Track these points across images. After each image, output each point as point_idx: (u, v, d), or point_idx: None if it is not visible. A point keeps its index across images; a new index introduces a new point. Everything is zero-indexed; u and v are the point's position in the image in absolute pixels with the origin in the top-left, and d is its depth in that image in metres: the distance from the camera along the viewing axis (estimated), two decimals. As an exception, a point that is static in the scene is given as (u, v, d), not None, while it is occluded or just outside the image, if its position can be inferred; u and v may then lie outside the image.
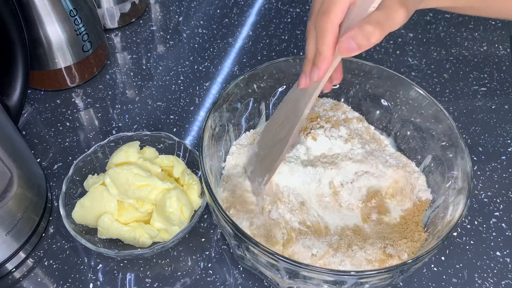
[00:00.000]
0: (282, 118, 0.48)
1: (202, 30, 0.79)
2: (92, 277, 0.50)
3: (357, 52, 0.37)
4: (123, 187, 0.48)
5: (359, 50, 0.37)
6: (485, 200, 0.56)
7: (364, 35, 0.36)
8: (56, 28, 0.61)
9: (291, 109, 0.47)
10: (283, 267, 0.40)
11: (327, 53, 0.39)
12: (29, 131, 0.63)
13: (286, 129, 0.47)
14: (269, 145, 0.49)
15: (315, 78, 0.41)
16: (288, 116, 0.47)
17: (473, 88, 0.70)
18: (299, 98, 0.45)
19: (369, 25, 0.36)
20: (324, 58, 0.40)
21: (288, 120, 0.47)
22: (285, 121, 0.47)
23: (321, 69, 0.40)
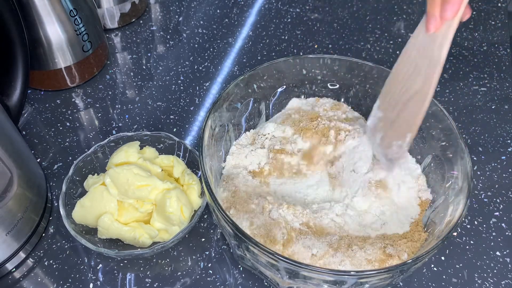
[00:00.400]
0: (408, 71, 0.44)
1: (202, 30, 0.79)
2: (92, 277, 0.50)
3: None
4: (123, 187, 0.48)
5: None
6: (485, 200, 0.56)
7: None
8: (56, 28, 0.61)
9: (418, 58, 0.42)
10: (283, 267, 0.40)
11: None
12: (29, 131, 0.63)
13: (420, 80, 0.42)
14: (399, 103, 0.45)
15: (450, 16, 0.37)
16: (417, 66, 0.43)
17: (473, 88, 0.70)
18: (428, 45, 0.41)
19: None
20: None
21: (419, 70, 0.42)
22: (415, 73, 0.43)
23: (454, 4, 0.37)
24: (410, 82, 0.43)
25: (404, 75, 0.44)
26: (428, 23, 0.39)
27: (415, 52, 0.43)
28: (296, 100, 0.59)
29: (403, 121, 0.45)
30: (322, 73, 0.57)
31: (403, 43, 0.75)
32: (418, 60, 0.43)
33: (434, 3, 0.38)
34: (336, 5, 0.84)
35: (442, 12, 0.38)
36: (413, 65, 0.43)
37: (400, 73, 0.45)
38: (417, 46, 0.43)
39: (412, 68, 0.43)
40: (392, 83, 0.47)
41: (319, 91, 0.59)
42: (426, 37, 0.41)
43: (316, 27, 0.80)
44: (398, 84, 0.45)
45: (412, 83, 0.43)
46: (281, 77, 0.57)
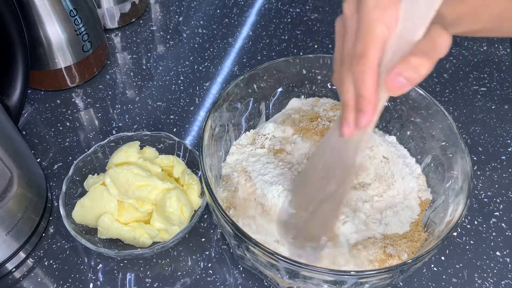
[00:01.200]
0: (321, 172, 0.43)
1: (202, 30, 0.79)
2: (92, 277, 0.50)
3: (408, 87, 0.34)
4: (123, 187, 0.48)
5: (410, 85, 0.34)
6: (485, 200, 0.56)
7: (412, 68, 0.33)
8: (56, 28, 0.61)
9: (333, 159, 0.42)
10: (283, 267, 0.40)
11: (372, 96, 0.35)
12: (29, 131, 0.63)
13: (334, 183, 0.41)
14: (312, 204, 0.44)
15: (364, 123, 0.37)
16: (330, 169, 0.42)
17: (473, 88, 0.70)
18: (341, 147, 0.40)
19: (416, 57, 0.33)
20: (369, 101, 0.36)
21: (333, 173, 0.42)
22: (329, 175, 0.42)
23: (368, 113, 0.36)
24: (323, 183, 0.42)
25: (317, 175, 0.43)
26: (342, 128, 0.38)
27: (328, 153, 0.42)
28: (296, 100, 0.59)
29: (317, 223, 0.44)
30: (322, 73, 0.57)
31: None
32: (331, 162, 0.42)
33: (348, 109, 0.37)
34: (336, 5, 0.84)
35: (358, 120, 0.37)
36: (326, 166, 0.42)
37: (313, 172, 0.44)
38: (331, 147, 0.41)
39: (325, 170, 0.42)
40: (305, 181, 0.46)
41: (319, 91, 0.59)
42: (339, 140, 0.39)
43: (316, 27, 0.80)
44: (311, 183, 0.44)
45: (326, 185, 0.42)
46: (281, 77, 0.57)
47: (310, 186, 0.44)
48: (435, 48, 0.33)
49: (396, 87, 0.34)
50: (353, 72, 0.36)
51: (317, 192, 0.43)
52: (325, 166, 0.42)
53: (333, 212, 0.43)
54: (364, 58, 0.35)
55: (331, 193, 0.41)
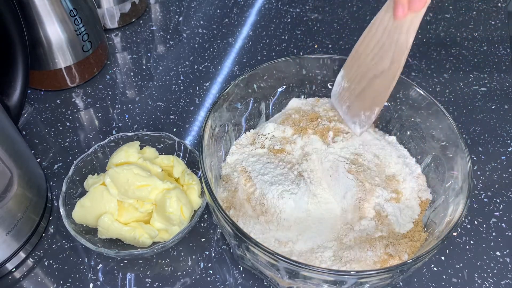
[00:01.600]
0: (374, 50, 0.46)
1: (202, 30, 0.79)
2: (92, 277, 0.50)
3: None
4: (123, 187, 0.48)
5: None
6: (485, 200, 0.56)
7: None
8: (56, 28, 0.61)
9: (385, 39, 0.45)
10: (283, 267, 0.40)
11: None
12: (29, 131, 0.63)
13: (387, 61, 0.45)
14: (366, 78, 0.48)
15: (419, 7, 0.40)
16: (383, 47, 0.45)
17: (473, 88, 0.70)
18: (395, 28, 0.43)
19: None
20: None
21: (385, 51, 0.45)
22: (382, 52, 0.45)
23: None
24: (376, 60, 0.46)
25: (370, 52, 0.47)
26: (396, 11, 0.42)
27: (380, 33, 0.45)
28: (296, 100, 0.59)
29: (370, 95, 0.47)
30: (322, 73, 0.57)
31: (403, 43, 0.76)
32: (385, 41, 0.45)
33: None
34: (336, 5, 0.84)
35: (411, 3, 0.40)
36: (379, 45, 0.46)
37: (366, 50, 0.48)
38: (383, 27, 0.45)
39: (378, 48, 0.46)
40: (358, 57, 0.49)
41: (319, 91, 0.59)
42: (393, 21, 0.43)
43: (316, 27, 0.80)
44: (364, 60, 0.48)
45: (379, 62, 0.46)
46: (281, 77, 0.57)
47: (363, 62, 0.48)
48: None
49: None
50: None
51: (370, 68, 0.47)
52: (378, 45, 0.46)
53: (386, 86, 0.46)
54: None
55: (385, 70, 0.45)
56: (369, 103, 0.48)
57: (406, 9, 0.41)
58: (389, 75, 0.45)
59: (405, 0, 0.41)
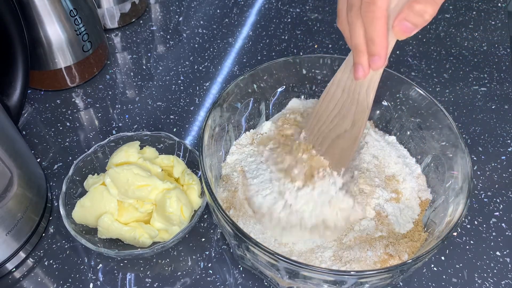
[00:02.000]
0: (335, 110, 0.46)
1: (202, 30, 0.79)
2: (92, 277, 0.50)
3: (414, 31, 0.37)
4: (123, 187, 0.48)
5: (415, 29, 0.37)
6: (485, 200, 0.56)
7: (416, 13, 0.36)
8: (56, 28, 0.61)
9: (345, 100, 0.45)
10: (283, 267, 0.40)
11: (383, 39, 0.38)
12: (29, 131, 0.63)
13: (349, 121, 0.45)
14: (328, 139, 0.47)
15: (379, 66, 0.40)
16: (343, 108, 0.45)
17: (473, 88, 0.70)
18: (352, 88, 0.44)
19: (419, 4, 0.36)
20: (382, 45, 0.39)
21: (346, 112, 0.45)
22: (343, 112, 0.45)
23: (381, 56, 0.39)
24: (337, 121, 0.46)
25: (330, 113, 0.47)
26: (356, 72, 0.41)
27: (339, 93, 0.45)
28: (296, 100, 0.59)
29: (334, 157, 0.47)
30: (322, 73, 0.57)
31: (403, 43, 0.76)
32: (344, 102, 0.45)
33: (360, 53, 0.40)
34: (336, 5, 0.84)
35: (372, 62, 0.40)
36: (339, 105, 0.46)
37: (326, 111, 0.47)
38: (342, 88, 0.45)
39: (338, 109, 0.46)
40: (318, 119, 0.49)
41: (319, 91, 0.59)
42: (351, 81, 0.43)
43: (316, 27, 0.80)
44: (324, 121, 0.48)
45: (340, 123, 0.46)
46: (281, 77, 0.57)
47: (323, 123, 0.48)
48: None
49: (402, 31, 0.37)
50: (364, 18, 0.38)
51: (332, 129, 0.46)
52: (338, 105, 0.46)
53: (348, 147, 0.46)
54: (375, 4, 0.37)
55: (347, 130, 0.45)
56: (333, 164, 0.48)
57: (366, 70, 0.41)
58: (351, 136, 0.45)
59: (365, 61, 0.40)
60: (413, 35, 0.38)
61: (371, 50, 0.39)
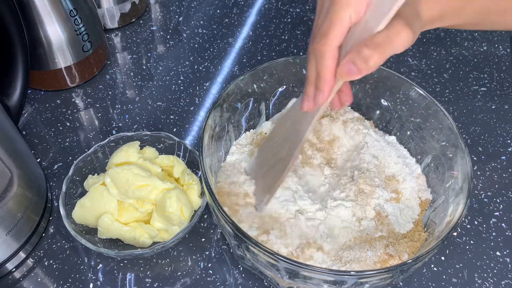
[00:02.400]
0: (281, 137, 0.47)
1: (202, 30, 0.79)
2: (92, 277, 0.50)
3: (357, 75, 0.36)
4: (123, 187, 0.48)
5: (359, 73, 0.35)
6: (485, 200, 0.56)
7: (362, 58, 0.35)
8: (56, 28, 0.61)
9: (291, 129, 0.46)
10: (283, 267, 0.40)
11: (328, 76, 0.38)
12: (29, 131, 0.63)
13: (286, 150, 0.46)
14: (269, 163, 0.48)
15: (320, 101, 0.40)
16: (287, 136, 0.46)
17: (473, 88, 0.70)
18: (299, 120, 0.44)
19: (367, 48, 0.34)
20: (325, 81, 0.38)
21: (287, 141, 0.46)
22: (285, 141, 0.46)
23: (324, 92, 0.39)
24: (280, 147, 0.47)
25: (278, 138, 0.48)
26: (302, 102, 0.42)
27: (289, 123, 0.46)
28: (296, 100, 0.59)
29: (268, 181, 0.48)
30: (322, 73, 0.57)
31: (403, 43, 0.76)
32: (289, 131, 0.46)
33: (309, 85, 0.41)
34: (336, 5, 0.84)
35: (315, 96, 0.40)
36: (284, 134, 0.47)
37: (276, 134, 0.49)
38: (294, 116, 0.46)
39: (283, 137, 0.47)
40: (269, 141, 0.50)
41: (319, 91, 0.59)
42: (299, 113, 0.44)
43: (316, 27, 0.80)
44: (272, 143, 0.49)
45: (280, 150, 0.47)
46: (281, 77, 0.57)
47: (270, 150, 0.49)
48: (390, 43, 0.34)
49: (346, 72, 0.36)
50: (315, 50, 0.38)
51: (273, 156, 0.47)
52: (283, 134, 0.47)
53: (279, 174, 0.46)
54: (325, 37, 0.36)
55: (282, 158, 0.46)
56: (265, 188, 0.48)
57: (311, 102, 0.41)
58: (283, 165, 0.46)
59: (311, 92, 0.41)
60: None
61: (317, 84, 0.39)
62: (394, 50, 0.35)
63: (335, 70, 0.37)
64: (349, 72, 0.36)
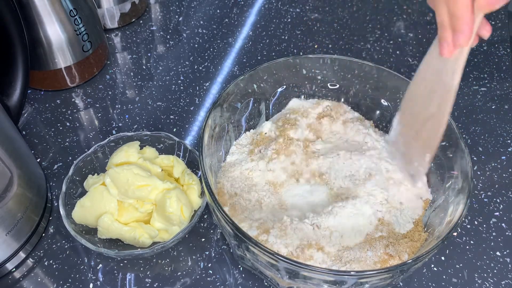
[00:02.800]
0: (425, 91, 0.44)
1: (202, 30, 0.79)
2: (92, 277, 0.50)
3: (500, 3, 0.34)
4: (123, 187, 0.48)
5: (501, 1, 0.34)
6: (485, 200, 0.56)
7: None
8: (56, 28, 0.61)
9: (434, 80, 0.43)
10: (283, 267, 0.40)
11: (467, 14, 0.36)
12: (29, 131, 0.63)
13: (436, 103, 0.43)
14: (418, 123, 0.46)
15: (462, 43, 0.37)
16: (433, 89, 0.43)
17: (473, 88, 0.70)
18: (441, 69, 0.42)
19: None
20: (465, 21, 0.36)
21: (434, 93, 0.43)
22: (431, 94, 0.44)
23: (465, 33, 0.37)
24: (426, 103, 0.44)
25: (420, 95, 0.45)
26: (441, 48, 0.39)
27: (429, 74, 0.43)
28: (296, 100, 0.59)
29: (422, 141, 0.46)
30: (322, 73, 0.57)
31: (403, 43, 0.76)
32: (433, 82, 0.43)
33: (444, 28, 0.38)
34: (336, 5, 0.84)
35: (455, 39, 0.38)
36: (428, 87, 0.44)
37: (416, 92, 0.46)
38: (431, 68, 0.43)
39: (427, 90, 0.44)
40: (410, 101, 0.47)
41: (319, 91, 0.59)
42: (439, 60, 0.41)
43: (316, 27, 0.80)
44: (415, 103, 0.46)
45: (428, 105, 0.44)
46: (281, 77, 0.57)
47: (415, 105, 0.46)
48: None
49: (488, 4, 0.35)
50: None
51: (422, 111, 0.45)
52: (427, 87, 0.44)
53: (435, 131, 0.44)
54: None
55: (433, 114, 0.43)
56: (421, 149, 0.46)
57: (451, 46, 0.39)
58: (437, 119, 0.43)
59: (449, 36, 0.38)
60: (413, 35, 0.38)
61: (454, 26, 0.37)
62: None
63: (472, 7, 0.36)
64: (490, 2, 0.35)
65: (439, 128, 0.44)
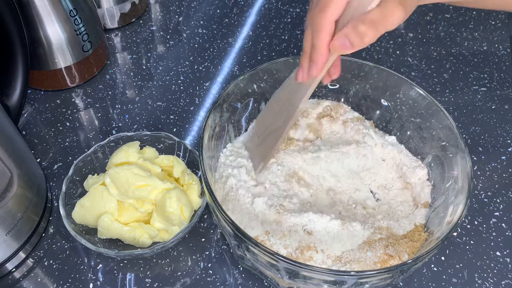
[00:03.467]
0: (278, 107, 0.48)
1: (202, 30, 0.79)
2: (92, 277, 0.50)
3: (350, 50, 0.37)
4: (123, 187, 0.48)
5: (352, 48, 0.37)
6: (485, 200, 0.56)
7: (357, 34, 0.36)
8: (56, 28, 0.61)
9: (287, 100, 0.47)
10: (283, 267, 0.40)
11: (323, 49, 0.39)
12: (29, 131, 0.63)
13: (281, 120, 0.47)
14: (265, 133, 0.50)
15: (313, 74, 0.41)
16: (283, 107, 0.47)
17: (473, 88, 0.70)
18: (295, 90, 0.45)
19: (363, 25, 0.36)
20: (320, 54, 0.40)
21: (283, 111, 0.47)
22: (281, 111, 0.47)
23: (318, 64, 0.40)
24: (276, 117, 0.48)
25: (275, 108, 0.49)
26: (297, 72, 0.43)
27: (285, 93, 0.47)
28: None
29: (262, 149, 0.50)
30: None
31: (403, 43, 0.76)
32: (284, 102, 0.47)
33: (304, 56, 0.42)
34: (336, 5, 0.84)
35: (309, 68, 0.41)
36: (280, 104, 0.48)
37: (274, 105, 0.50)
38: (288, 89, 0.47)
39: (279, 107, 0.48)
40: (266, 110, 0.52)
41: (319, 91, 0.59)
42: (295, 84, 0.45)
43: (316, 27, 0.80)
44: (269, 113, 0.50)
45: (276, 120, 0.48)
46: (281, 77, 0.56)
47: (267, 118, 0.51)
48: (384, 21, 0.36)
49: (340, 47, 0.37)
50: (312, 23, 0.39)
51: (270, 125, 0.49)
52: (279, 104, 0.48)
53: (273, 143, 0.48)
54: (324, 11, 0.38)
55: (277, 128, 0.48)
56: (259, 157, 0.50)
57: (306, 74, 0.42)
58: (277, 134, 0.48)
59: (306, 63, 0.42)
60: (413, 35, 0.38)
61: (312, 55, 0.40)
62: (386, 28, 0.36)
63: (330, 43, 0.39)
64: (343, 46, 0.37)
65: (277, 141, 0.48)
